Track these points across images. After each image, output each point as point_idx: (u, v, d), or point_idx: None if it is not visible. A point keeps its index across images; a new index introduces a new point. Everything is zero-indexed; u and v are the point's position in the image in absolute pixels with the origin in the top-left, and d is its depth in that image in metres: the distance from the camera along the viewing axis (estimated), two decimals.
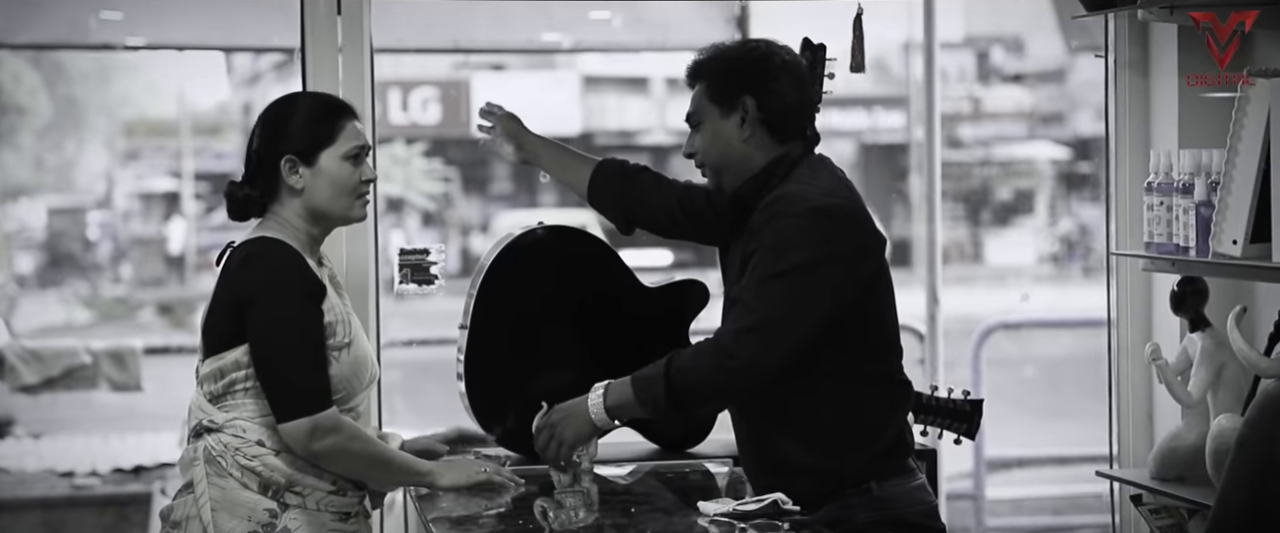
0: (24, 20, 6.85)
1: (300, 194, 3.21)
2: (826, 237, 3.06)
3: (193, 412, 3.19)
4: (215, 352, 3.15)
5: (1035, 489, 8.67)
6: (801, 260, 3.04)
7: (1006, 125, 23.47)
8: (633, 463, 3.74)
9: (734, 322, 3.05)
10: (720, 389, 3.11)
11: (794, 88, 3.23)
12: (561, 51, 16.27)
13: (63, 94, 27.71)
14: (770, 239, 3.07)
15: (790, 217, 3.07)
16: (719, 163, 3.26)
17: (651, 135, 25.44)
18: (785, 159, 3.22)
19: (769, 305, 3.03)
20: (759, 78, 3.21)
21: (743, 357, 3.02)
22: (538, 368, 3.85)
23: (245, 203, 3.25)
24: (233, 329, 3.13)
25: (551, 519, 3.17)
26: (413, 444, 3.50)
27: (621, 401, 3.13)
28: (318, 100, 3.34)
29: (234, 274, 3.14)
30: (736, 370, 3.03)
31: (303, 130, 3.22)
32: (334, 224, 3.31)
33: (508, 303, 3.85)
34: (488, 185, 25.71)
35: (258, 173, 3.24)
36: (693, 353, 3.07)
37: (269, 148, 3.21)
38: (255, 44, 9.70)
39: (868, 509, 3.16)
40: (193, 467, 3.15)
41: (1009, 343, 12.19)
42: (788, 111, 3.22)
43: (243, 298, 3.12)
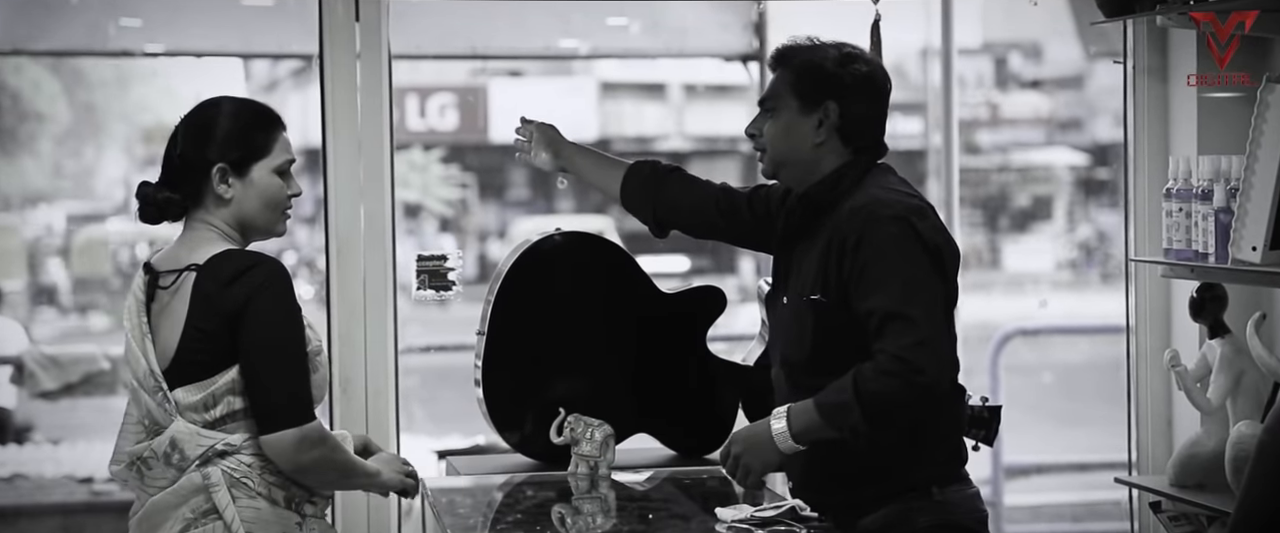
0: (44, 27, 6.87)
1: (228, 204, 3.09)
2: (934, 240, 3.11)
3: (184, 443, 3.00)
4: (200, 378, 3.01)
5: (1053, 496, 8.64)
6: (927, 264, 3.08)
7: (1024, 131, 23.41)
8: (650, 469, 3.74)
9: (903, 336, 3.01)
10: (915, 405, 3.06)
11: (877, 101, 3.26)
12: (579, 58, 16.29)
13: (82, 101, 27.79)
14: (883, 245, 3.07)
15: (890, 222, 3.09)
16: (784, 157, 3.28)
17: (669, 141, 25.42)
18: (856, 165, 3.23)
19: (926, 313, 3.04)
20: (847, 85, 3.22)
21: (930, 370, 3.01)
22: (555, 374, 3.85)
23: (164, 206, 3.11)
24: (222, 349, 3.01)
25: (570, 526, 3.16)
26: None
27: (809, 426, 3.08)
28: (252, 108, 3.18)
29: (220, 292, 3.00)
30: (928, 385, 3.02)
31: (237, 139, 3.10)
32: (257, 237, 3.16)
33: (525, 309, 3.85)
34: (505, 191, 25.72)
35: (182, 178, 3.10)
36: (875, 374, 3.01)
37: (198, 153, 3.09)
38: (273, 50, 9.71)
39: (928, 513, 3.17)
40: (213, 493, 3.00)
41: (1027, 349, 12.15)
42: (866, 121, 3.25)
43: (233, 311, 3.00)
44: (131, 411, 3.10)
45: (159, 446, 3.00)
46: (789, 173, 3.29)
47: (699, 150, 25.55)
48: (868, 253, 3.08)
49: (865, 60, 3.27)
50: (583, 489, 3.46)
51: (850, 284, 3.10)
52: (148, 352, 3.02)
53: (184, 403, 3.01)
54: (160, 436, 3.00)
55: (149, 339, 3.03)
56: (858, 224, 3.10)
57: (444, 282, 4.17)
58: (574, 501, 3.40)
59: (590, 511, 3.35)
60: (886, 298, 3.04)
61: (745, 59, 7.29)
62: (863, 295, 3.08)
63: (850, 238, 3.10)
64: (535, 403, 3.80)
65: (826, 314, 3.16)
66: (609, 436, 3.57)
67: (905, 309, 3.02)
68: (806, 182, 3.26)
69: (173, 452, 3.00)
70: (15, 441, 7.70)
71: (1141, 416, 4.45)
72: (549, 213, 23.51)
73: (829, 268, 3.14)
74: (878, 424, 3.03)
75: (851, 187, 3.20)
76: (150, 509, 3.02)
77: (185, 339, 3.01)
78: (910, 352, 2.99)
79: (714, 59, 7.86)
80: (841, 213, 3.16)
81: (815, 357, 3.19)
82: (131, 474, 3.07)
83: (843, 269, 3.11)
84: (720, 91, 23.97)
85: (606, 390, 3.83)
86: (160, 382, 3.01)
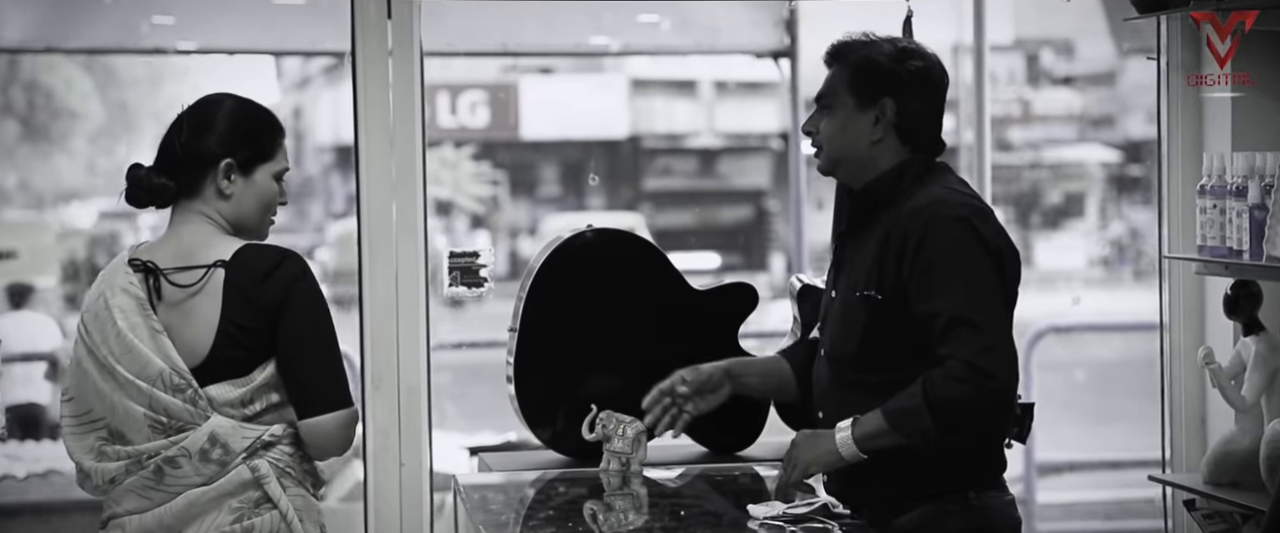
0: (77, 25, 6.90)
1: (227, 200, 3.10)
2: (996, 242, 3.10)
3: (227, 438, 2.99)
4: (237, 374, 3.02)
5: (1086, 494, 8.61)
6: (990, 267, 3.07)
7: (1056, 128, 23.34)
8: (682, 466, 3.74)
9: (971, 342, 3.00)
10: (987, 411, 3.05)
11: (934, 97, 3.24)
12: (609, 55, 16.28)
13: (115, 98, 27.90)
14: (946, 247, 3.06)
15: (953, 223, 3.07)
16: (841, 155, 3.25)
17: (699, 138, 25.41)
18: (914, 163, 3.21)
19: (990, 317, 3.03)
20: (903, 81, 3.20)
21: (1001, 375, 3.01)
22: (587, 371, 3.85)
23: (156, 191, 3.10)
24: (261, 345, 3.03)
25: (602, 522, 3.16)
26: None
27: (874, 431, 3.07)
28: (262, 111, 3.19)
29: (257, 287, 3.02)
30: (999, 391, 3.01)
31: (248, 138, 3.12)
32: (246, 237, 3.12)
33: (557, 306, 3.85)
34: (536, 188, 25.74)
35: (183, 167, 3.09)
36: (944, 381, 3.00)
37: (206, 146, 3.08)
38: (305, 48, 9.73)
39: (961, 518, 3.15)
40: (266, 485, 3.02)
41: (1060, 347, 12.10)
42: (923, 119, 3.23)
43: (273, 306, 3.02)
44: (98, 414, 3.03)
45: (193, 443, 2.98)
46: (845, 170, 3.27)
47: (730, 147, 25.54)
48: (930, 254, 3.06)
49: (922, 56, 3.24)
50: (615, 486, 3.46)
51: (910, 284, 3.08)
52: (167, 351, 2.99)
53: (220, 400, 3.01)
54: (193, 433, 2.98)
55: (164, 338, 3.00)
56: (920, 224, 3.08)
57: (476, 278, 4.18)
58: (606, 497, 3.40)
59: (622, 507, 3.35)
60: (951, 302, 3.02)
61: (776, 56, 7.29)
62: (925, 297, 3.06)
63: (911, 238, 3.08)
64: (567, 399, 3.80)
65: (878, 311, 3.14)
66: (641, 432, 3.57)
67: (971, 314, 3.01)
68: (863, 179, 3.24)
69: (213, 448, 2.99)
70: (50, 436, 7.74)
71: (1175, 413, 4.43)
72: (580, 210, 23.53)
73: (885, 265, 3.12)
74: (948, 430, 3.02)
75: (912, 184, 3.18)
76: (186, 505, 3.00)
77: (221, 336, 3.01)
78: (980, 357, 2.98)
79: (745, 55, 7.85)
80: (901, 211, 3.13)
81: (863, 352, 3.18)
82: (137, 476, 3.00)
83: (902, 268, 3.09)
84: (751, 88, 23.95)
85: (638, 387, 3.82)
86: (190, 380, 2.99)
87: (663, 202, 23.91)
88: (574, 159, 25.39)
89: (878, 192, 3.21)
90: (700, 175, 25.50)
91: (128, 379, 2.99)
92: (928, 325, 3.05)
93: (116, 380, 3.00)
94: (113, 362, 3.00)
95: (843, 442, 3.09)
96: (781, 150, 23.87)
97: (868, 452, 3.08)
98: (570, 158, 25.42)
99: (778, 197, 24.19)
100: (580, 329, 3.87)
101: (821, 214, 11.85)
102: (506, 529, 3.16)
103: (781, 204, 23.56)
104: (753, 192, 25.29)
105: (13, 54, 16.67)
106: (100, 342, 3.02)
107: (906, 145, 3.21)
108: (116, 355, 3.00)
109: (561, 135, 24.06)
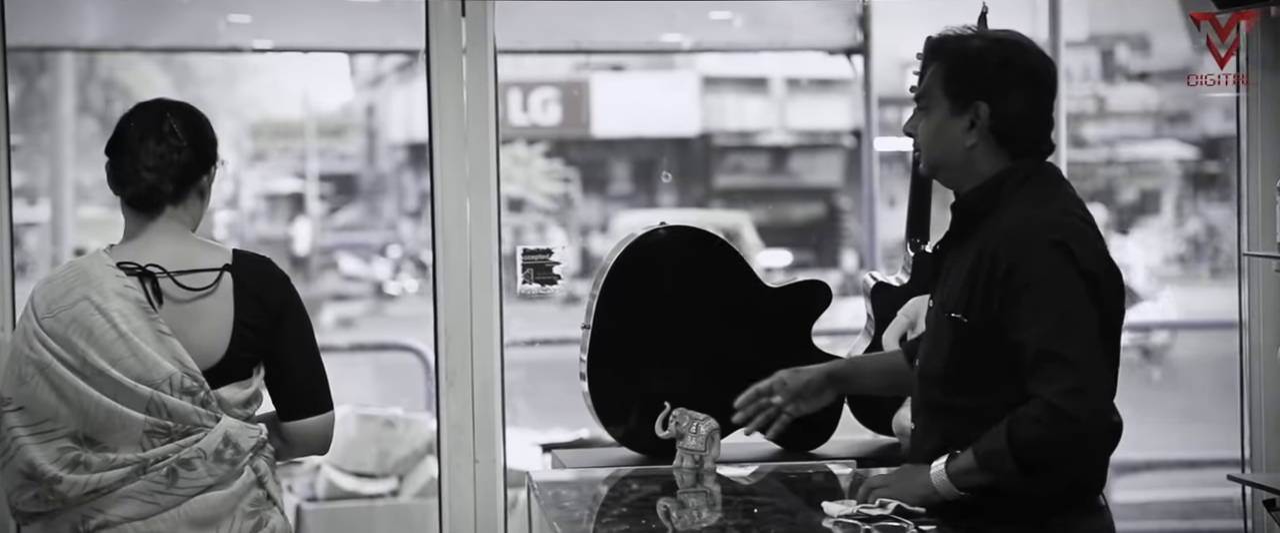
0: (155, 24, 6.97)
1: (201, 204, 3.18)
2: (1090, 266, 2.91)
3: (237, 438, 3.02)
4: (243, 376, 3.07)
5: (1164, 493, 8.53)
6: (1083, 292, 2.88)
7: (1132, 124, 23.15)
8: (755, 464, 3.73)
9: (1058, 379, 2.84)
10: (1075, 454, 2.93)
11: (1036, 99, 3.04)
12: (681, 52, 16.26)
13: (191, 96, 28.09)
14: (1038, 273, 2.89)
15: (1046, 247, 2.89)
16: (938, 160, 3.09)
17: (770, 136, 25.36)
18: (1017, 172, 3.03)
19: (1082, 351, 2.85)
20: (998, 83, 3.00)
21: (1085, 419, 2.85)
22: (660, 368, 3.85)
23: (161, 199, 3.11)
24: (262, 346, 3.08)
25: (675, 519, 3.16)
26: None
27: (965, 468, 2.94)
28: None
29: (264, 290, 3.09)
30: (1082, 435, 2.87)
31: (214, 142, 3.19)
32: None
33: (630, 303, 3.86)
34: (607, 186, 25.77)
35: (182, 174, 3.11)
36: (1030, 424, 2.86)
37: (205, 152, 3.15)
38: (379, 46, 9.78)
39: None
40: (266, 483, 3.07)
41: (1136, 345, 12.02)
42: (1023, 123, 3.03)
43: (275, 311, 3.08)
44: (62, 422, 2.96)
45: (209, 445, 2.98)
46: (946, 175, 3.09)
47: (801, 144, 25.48)
48: (1022, 280, 2.89)
49: (1025, 53, 3.04)
50: (688, 483, 3.46)
51: (1001, 310, 2.92)
52: (177, 353, 2.98)
53: (231, 401, 3.04)
54: (208, 434, 2.98)
55: (173, 340, 2.99)
56: (1011, 247, 2.91)
57: (549, 275, 4.19)
58: (679, 495, 3.39)
59: (695, 505, 3.34)
60: (1040, 334, 2.86)
61: (849, 52, 7.25)
62: (1016, 325, 2.90)
63: (1001, 262, 2.92)
64: (640, 397, 3.80)
65: (965, 334, 2.99)
66: (714, 430, 3.57)
67: (1061, 348, 2.84)
68: (963, 185, 3.07)
69: (226, 448, 3.00)
70: None
71: (1255, 412, 4.38)
72: (651, 207, 23.54)
73: (975, 288, 2.96)
74: (1032, 473, 2.88)
75: (1010, 196, 3.00)
76: (204, 507, 2.99)
77: (236, 338, 3.05)
78: (1064, 398, 2.83)
79: (817, 52, 7.82)
80: (996, 228, 2.96)
81: (948, 374, 3.04)
82: (143, 481, 2.96)
83: (991, 293, 2.93)
84: (823, 85, 23.87)
85: (711, 384, 3.82)
86: (202, 382, 2.99)
87: (734, 199, 23.88)
88: (645, 156, 25.40)
89: (975, 203, 3.04)
90: (771, 173, 25.46)
91: (126, 384, 2.94)
92: (1020, 355, 2.90)
93: (105, 386, 2.94)
94: (105, 366, 2.95)
95: (937, 475, 2.97)
96: (853, 148, 23.82)
97: (964, 489, 2.95)
98: (641, 155, 25.44)
99: (849, 194, 24.11)
100: (653, 326, 3.87)
101: (894, 211, 11.81)
102: (580, 526, 3.16)
103: (853, 201, 23.48)
104: (824, 189, 25.22)
105: (91, 53, 16.86)
106: (86, 347, 2.95)
107: (1005, 150, 3.03)
108: (112, 359, 2.95)
109: (633, 133, 24.08)
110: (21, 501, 3.00)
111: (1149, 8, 20.91)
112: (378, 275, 22.23)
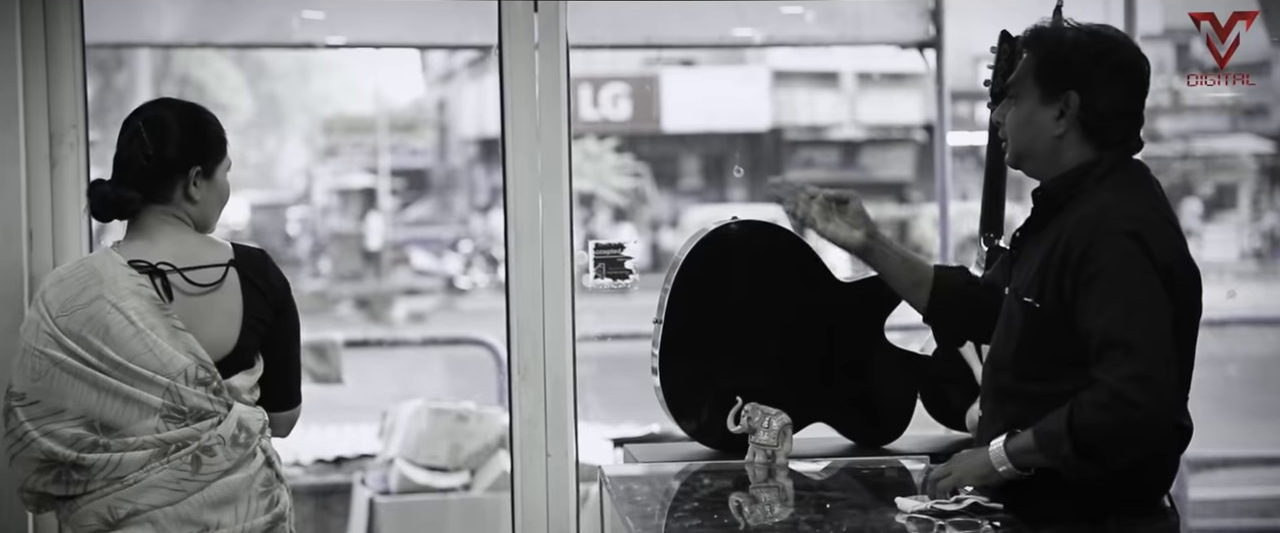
0: (230, 20, 7.02)
1: (195, 204, 3.23)
2: (1166, 259, 2.92)
3: (249, 422, 3.17)
4: (249, 364, 3.21)
5: (1240, 490, 8.44)
6: (1156, 285, 2.89)
7: (1207, 119, 22.92)
8: (828, 459, 3.72)
9: (1121, 366, 2.85)
10: (1135, 442, 2.90)
11: (1127, 93, 3.05)
12: (752, 46, 16.22)
13: (265, 92, 28.38)
14: (1110, 262, 2.90)
15: (1121, 237, 2.91)
16: (1025, 148, 3.11)
17: (841, 130, 25.30)
18: (1102, 163, 3.05)
19: (1149, 341, 2.85)
20: (1090, 75, 3.03)
21: (1148, 406, 2.84)
22: (732, 362, 3.85)
23: (124, 204, 3.20)
24: (264, 336, 3.22)
25: (747, 514, 3.16)
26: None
27: (1023, 447, 2.96)
28: (208, 115, 3.32)
29: (266, 284, 3.21)
30: (1144, 423, 2.86)
31: (211, 145, 3.26)
32: (203, 232, 3.29)
33: (702, 297, 3.85)
34: (677, 180, 25.78)
35: (151, 178, 3.19)
36: (1091, 408, 2.87)
37: (176, 156, 3.20)
38: (451, 41, 9.83)
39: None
40: (275, 465, 3.23)
41: (1213, 341, 11.90)
42: (1113, 116, 3.04)
43: (279, 304, 3.24)
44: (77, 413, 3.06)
45: (226, 430, 3.12)
46: (1031, 165, 3.12)
47: (873, 139, 25.41)
48: (1094, 268, 2.91)
49: (1119, 47, 3.06)
50: (760, 478, 3.46)
51: (1073, 298, 2.94)
52: (192, 347, 3.10)
53: (241, 388, 3.18)
54: (225, 420, 3.12)
55: (187, 334, 3.11)
56: (1085, 235, 2.93)
57: (621, 270, 4.19)
58: (751, 489, 3.39)
59: (768, 500, 3.34)
60: (1108, 321, 2.87)
61: (922, 46, 7.21)
62: (1085, 313, 2.91)
63: (1075, 250, 2.94)
64: (712, 391, 3.80)
65: (1036, 319, 3.01)
66: (786, 425, 3.56)
67: (1126, 336, 2.85)
68: (1048, 175, 3.09)
69: (240, 433, 3.15)
70: None
71: None
72: (721, 202, 23.53)
73: (1047, 274, 2.99)
74: (1086, 459, 2.88)
75: (1093, 186, 3.02)
76: (225, 489, 3.13)
77: (246, 329, 3.18)
78: (1126, 384, 2.83)
79: (890, 46, 7.78)
80: (1072, 217, 2.99)
81: (1018, 359, 3.06)
82: (167, 470, 3.08)
83: (1063, 281, 2.95)
84: (895, 80, 23.79)
85: (783, 379, 3.82)
86: (215, 373, 3.13)
87: None
88: (716, 151, 25.41)
89: (1056, 192, 3.07)
90: (842, 167, 25.41)
91: (145, 375, 3.07)
92: (1085, 343, 2.91)
93: (124, 378, 3.06)
94: (123, 360, 3.06)
95: (995, 453, 2.99)
96: (925, 142, 23.70)
97: (1021, 467, 2.96)
98: (712, 150, 25.45)
99: (920, 188, 24.01)
100: (725, 321, 3.87)
101: (966, 206, 11.75)
102: (652, 521, 3.16)
103: (924, 195, 23.37)
104: (895, 183, 25.13)
105: (167, 49, 17.03)
106: (102, 344, 3.06)
107: (1092, 143, 3.05)
108: (130, 355, 3.07)
109: (703, 127, 24.09)
110: (42, 482, 3.11)
111: (1226, 1, 20.70)
112: (449, 270, 22.35)
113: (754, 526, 3.12)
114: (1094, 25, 3.11)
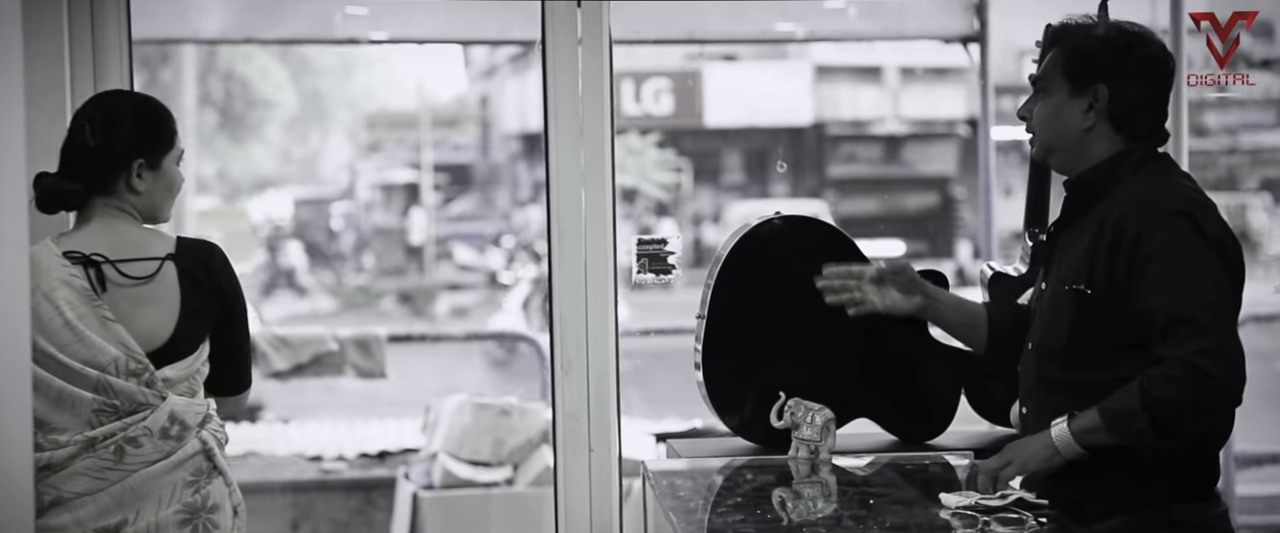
0: (274, 16, 7.06)
1: (140, 195, 3.25)
2: (1219, 236, 2.98)
3: (183, 415, 3.20)
4: (185, 356, 3.23)
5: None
6: (1214, 261, 2.95)
7: (1254, 113, 22.77)
8: (871, 455, 3.71)
9: (1192, 340, 2.89)
10: (1211, 414, 2.95)
11: (1153, 86, 3.12)
12: (795, 41, 16.19)
13: (308, 88, 28.48)
14: (1166, 241, 2.95)
15: (1174, 217, 2.97)
16: (1052, 142, 3.17)
17: (884, 125, 25.22)
18: (1134, 153, 3.11)
19: (1215, 315, 2.91)
20: (1120, 68, 3.09)
21: (1224, 377, 2.89)
22: (775, 357, 3.84)
23: (68, 196, 3.24)
24: (208, 328, 3.26)
25: (790, 509, 3.16)
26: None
27: (1090, 427, 2.99)
28: (156, 104, 3.33)
29: (208, 277, 3.25)
30: (1220, 394, 2.91)
31: (154, 136, 3.27)
32: (154, 223, 3.33)
33: (745, 292, 3.85)
34: (720, 176, 25.75)
35: (94, 169, 3.23)
36: (1162, 382, 2.89)
37: (118, 147, 3.23)
38: (493, 37, 9.84)
39: (1162, 530, 3.03)
40: (214, 456, 3.23)
41: (1261, 336, 11.81)
42: (1140, 108, 3.11)
43: (230, 293, 3.29)
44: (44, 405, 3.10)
45: (154, 423, 3.15)
46: (1058, 158, 3.18)
47: (915, 134, 25.32)
48: (1150, 249, 2.95)
49: (1145, 41, 3.12)
50: (803, 474, 3.45)
51: (1128, 280, 2.97)
52: (122, 338, 3.14)
53: (175, 379, 3.20)
54: (154, 413, 3.15)
55: (118, 326, 3.15)
56: (1136, 217, 2.98)
57: (664, 266, 4.19)
58: (794, 485, 3.39)
59: (811, 495, 3.33)
60: (1171, 299, 2.92)
61: (965, 41, 7.19)
62: (1143, 294, 2.95)
63: (1128, 232, 2.98)
64: (755, 387, 3.80)
65: (1087, 306, 3.04)
66: (830, 420, 3.56)
67: (1192, 312, 2.90)
68: (1076, 168, 3.15)
69: (172, 425, 3.18)
70: (248, 419, 7.95)
71: None
72: (763, 197, 23.50)
73: (1097, 259, 3.02)
74: (1166, 433, 2.91)
75: (1128, 176, 3.08)
76: (141, 482, 3.15)
77: (182, 322, 3.21)
78: (1201, 358, 2.87)
79: (933, 41, 7.76)
80: (1116, 203, 3.03)
81: (1070, 348, 3.08)
82: (92, 458, 3.12)
83: (1116, 264, 2.99)
84: (938, 74, 23.70)
85: (827, 374, 3.81)
86: (147, 364, 3.17)
87: (847, 189, 23.78)
88: (758, 146, 25.36)
89: (1092, 182, 3.11)
90: (885, 162, 25.34)
91: (74, 367, 3.12)
92: (1147, 323, 2.94)
93: (56, 369, 3.11)
94: (53, 351, 3.11)
95: (1059, 435, 3.00)
96: (968, 137, 23.62)
97: (1086, 447, 2.98)
98: (754, 145, 25.40)
99: (964, 183, 23.91)
100: (768, 316, 3.86)
101: (1010, 201, 11.71)
102: (695, 516, 3.16)
103: (968, 190, 23.29)
104: (938, 178, 25.04)
105: (212, 45, 17.11)
106: (34, 333, 3.05)
107: (1121, 134, 3.11)
108: (60, 345, 3.12)
109: (746, 123, 24.06)
110: None
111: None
112: (491, 265, 22.39)
113: (797, 521, 3.11)
114: (1119, 21, 3.19)
